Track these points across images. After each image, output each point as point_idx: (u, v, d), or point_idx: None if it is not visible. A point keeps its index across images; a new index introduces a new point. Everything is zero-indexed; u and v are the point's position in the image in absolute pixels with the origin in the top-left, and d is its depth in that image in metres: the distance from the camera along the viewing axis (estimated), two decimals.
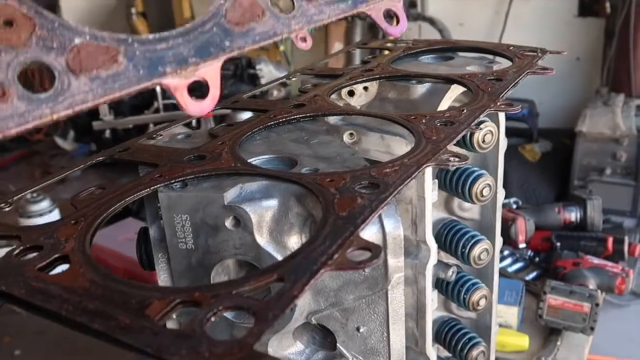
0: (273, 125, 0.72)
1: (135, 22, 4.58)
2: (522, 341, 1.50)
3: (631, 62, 3.46)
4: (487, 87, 0.77)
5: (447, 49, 1.00)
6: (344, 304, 0.59)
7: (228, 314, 0.60)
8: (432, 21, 4.16)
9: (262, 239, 0.58)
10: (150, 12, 4.57)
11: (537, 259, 1.82)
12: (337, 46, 4.65)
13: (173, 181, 0.58)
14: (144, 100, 2.57)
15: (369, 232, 0.55)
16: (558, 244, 1.76)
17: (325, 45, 4.64)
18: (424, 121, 0.66)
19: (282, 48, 4.19)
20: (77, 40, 0.41)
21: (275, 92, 2.72)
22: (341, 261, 0.45)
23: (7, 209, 0.61)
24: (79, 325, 0.42)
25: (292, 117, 0.74)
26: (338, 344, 0.61)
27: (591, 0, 3.86)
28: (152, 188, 0.58)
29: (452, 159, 0.59)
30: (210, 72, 0.48)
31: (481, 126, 0.77)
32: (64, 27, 0.40)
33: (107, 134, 2.66)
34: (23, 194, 0.67)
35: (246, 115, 0.83)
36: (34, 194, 1.86)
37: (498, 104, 0.74)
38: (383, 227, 0.57)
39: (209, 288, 0.44)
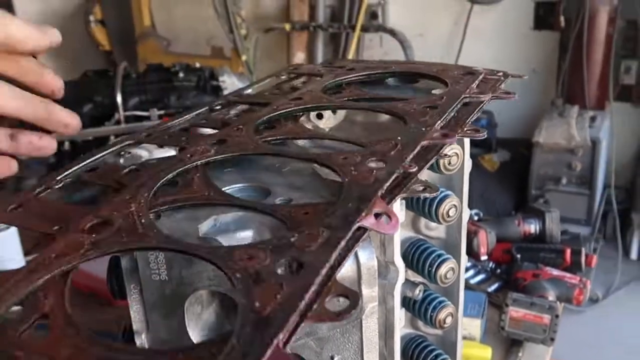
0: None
1: (94, 30, 4.50)
2: (485, 353, 1.52)
3: (585, 74, 3.57)
4: (419, 117, 0.76)
5: (382, 74, 0.99)
6: (318, 333, 0.60)
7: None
8: (392, 32, 4.21)
9: None
10: (109, 20, 4.50)
11: (498, 270, 1.86)
12: (299, 56, 4.66)
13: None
14: (104, 112, 2.53)
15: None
16: (518, 255, 1.80)
17: (287, 55, 4.65)
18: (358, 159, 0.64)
19: (244, 58, 4.18)
20: None
21: None
22: (321, 312, 0.45)
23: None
24: None
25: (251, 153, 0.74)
26: None
27: (546, 14, 3.98)
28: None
29: (423, 188, 0.60)
30: None
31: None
32: None
33: (66, 145, 2.61)
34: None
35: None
36: None
37: (465, 129, 0.75)
38: (357, 259, 0.58)
39: (188, 350, 0.43)
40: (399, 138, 0.70)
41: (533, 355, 1.56)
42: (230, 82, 2.70)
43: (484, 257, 1.79)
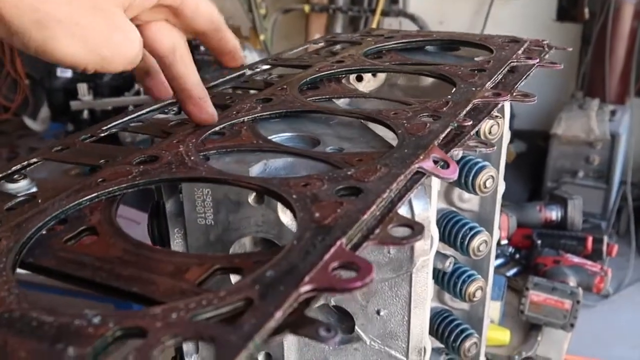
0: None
1: None
2: (504, 335, 1.51)
3: (606, 68, 3.53)
4: (467, 78, 0.74)
5: (424, 41, 0.97)
6: None
7: None
8: (413, 18, 4.17)
9: (286, 217, 0.56)
10: None
11: (517, 255, 1.85)
12: (316, 38, 4.61)
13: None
14: (124, 82, 2.51)
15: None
16: (539, 241, 1.78)
17: (306, 36, 4.61)
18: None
19: (262, 37, 4.15)
20: None
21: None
22: (383, 236, 0.44)
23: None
24: (114, 291, 0.41)
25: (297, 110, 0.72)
26: (356, 327, 0.60)
27: (569, 5, 3.93)
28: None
29: (480, 144, 0.59)
30: None
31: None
32: None
33: (85, 114, 2.60)
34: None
35: None
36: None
37: (514, 94, 0.74)
38: (412, 209, 0.56)
39: (250, 255, 0.43)
40: (449, 96, 0.69)
41: (552, 340, 1.54)
42: (251, 58, 2.68)
43: (504, 242, 1.77)
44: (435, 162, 0.54)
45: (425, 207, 0.56)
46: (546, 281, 1.55)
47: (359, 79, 0.90)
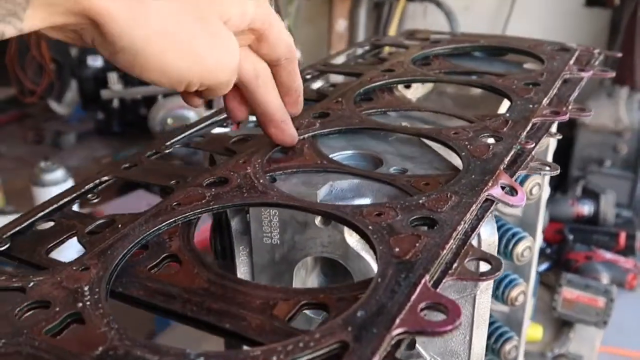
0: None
1: None
2: (537, 332, 1.52)
3: (636, 55, 3.47)
4: (523, 94, 0.74)
5: (471, 47, 0.97)
6: None
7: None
8: (438, 3, 4.13)
9: (352, 239, 0.57)
10: None
11: (548, 250, 1.85)
12: (341, 23, 4.60)
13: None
14: None
15: None
16: (571, 236, 1.78)
17: (329, 21, 4.59)
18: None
19: (286, 22, 4.14)
20: None
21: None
22: (462, 271, 0.45)
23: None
24: (205, 325, 0.42)
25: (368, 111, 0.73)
26: (417, 344, 0.62)
27: None
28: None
29: (544, 166, 0.60)
30: None
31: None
32: None
33: (115, 103, 2.61)
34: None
35: None
36: (48, 163, 1.83)
37: (569, 108, 0.74)
38: (479, 234, 0.57)
39: (333, 290, 0.44)
40: (507, 114, 0.69)
41: (584, 337, 1.55)
42: None
43: None
44: (503, 187, 0.54)
45: (492, 231, 0.57)
46: (579, 278, 1.55)
47: (407, 86, 0.90)
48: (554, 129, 0.92)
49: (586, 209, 1.85)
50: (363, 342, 0.37)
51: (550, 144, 0.94)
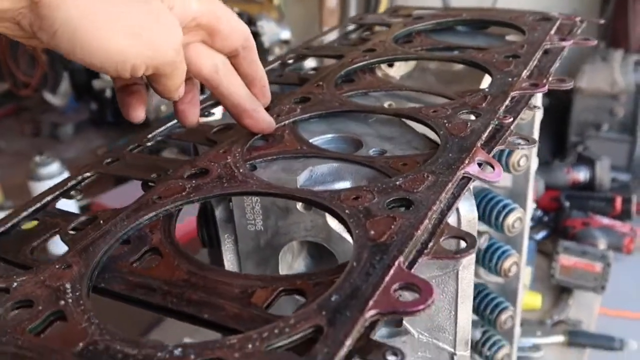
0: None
1: None
2: (536, 300, 1.54)
3: (630, 17, 3.44)
4: (503, 67, 0.74)
5: (453, 22, 0.97)
6: None
7: None
8: None
9: (334, 222, 0.58)
10: None
11: (545, 218, 1.86)
12: (331, 1, 4.55)
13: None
14: None
15: None
16: (567, 203, 1.79)
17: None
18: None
19: (276, 1, 4.10)
20: None
21: (277, 50, 2.68)
22: (437, 250, 0.45)
23: None
24: (186, 316, 0.43)
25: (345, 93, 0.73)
26: (404, 321, 0.63)
27: None
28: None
29: (521, 141, 0.60)
30: None
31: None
32: None
33: (108, 93, 2.61)
34: None
35: None
36: (43, 157, 1.84)
37: (549, 79, 0.74)
38: (458, 211, 0.58)
39: (310, 276, 0.45)
40: (487, 89, 0.69)
41: (582, 303, 1.57)
42: (268, 28, 2.67)
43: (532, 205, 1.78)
44: (480, 164, 0.55)
45: (471, 208, 0.58)
46: (576, 245, 1.56)
47: (391, 64, 0.90)
48: (538, 101, 0.92)
49: (582, 175, 1.85)
50: (337, 326, 0.37)
51: (536, 114, 0.95)
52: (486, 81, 0.83)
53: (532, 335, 1.43)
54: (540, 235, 1.80)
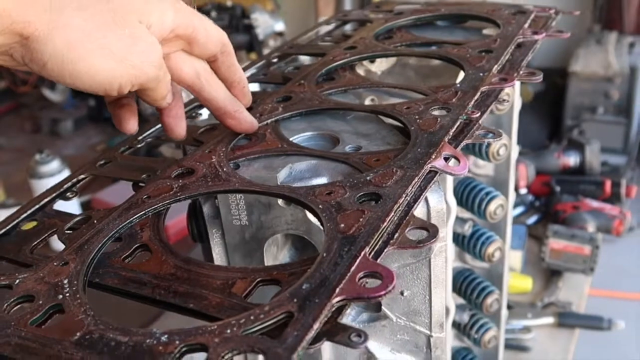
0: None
1: None
2: (526, 283, 1.58)
3: None
4: (476, 62, 0.77)
5: (432, 17, 1.00)
6: None
7: None
8: None
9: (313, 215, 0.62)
10: None
11: (537, 203, 1.89)
12: None
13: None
14: None
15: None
16: (558, 188, 1.82)
17: None
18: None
19: None
20: None
21: (271, 42, 2.71)
22: (402, 240, 0.50)
23: None
24: (173, 306, 0.47)
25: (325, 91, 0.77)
26: (383, 306, 0.67)
27: None
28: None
29: (486, 133, 0.64)
30: None
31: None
32: None
33: None
34: None
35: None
36: (43, 155, 1.88)
37: (520, 73, 0.77)
38: (427, 202, 0.61)
39: (285, 267, 0.49)
40: (458, 85, 0.73)
41: (572, 284, 1.61)
42: (262, 20, 2.70)
43: (523, 190, 1.82)
44: (447, 159, 0.59)
45: (439, 199, 0.62)
46: (565, 229, 1.60)
47: (372, 61, 0.94)
48: (516, 95, 0.96)
49: (572, 160, 1.89)
50: (306, 312, 0.41)
51: (515, 103, 0.98)
52: (462, 76, 0.86)
53: (523, 318, 1.48)
54: (532, 219, 1.84)
